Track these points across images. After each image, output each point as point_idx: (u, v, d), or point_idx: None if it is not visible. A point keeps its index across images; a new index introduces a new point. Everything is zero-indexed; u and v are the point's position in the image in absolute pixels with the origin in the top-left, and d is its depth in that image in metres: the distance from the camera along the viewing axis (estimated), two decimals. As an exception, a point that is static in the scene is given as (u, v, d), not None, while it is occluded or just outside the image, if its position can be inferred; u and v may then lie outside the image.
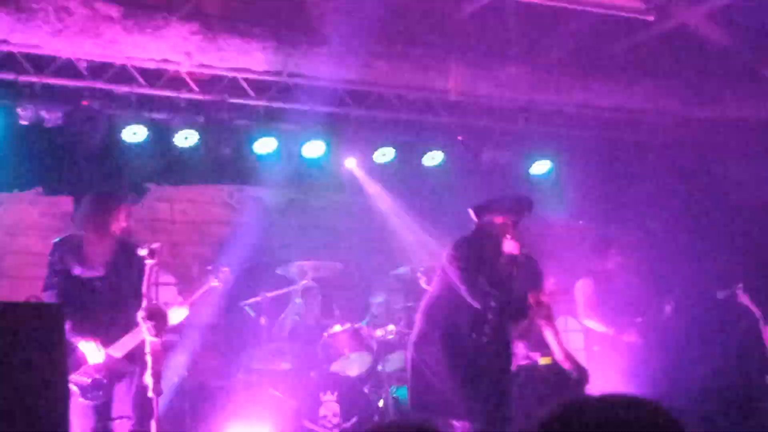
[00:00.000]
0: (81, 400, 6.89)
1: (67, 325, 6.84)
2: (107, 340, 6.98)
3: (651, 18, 9.28)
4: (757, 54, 10.52)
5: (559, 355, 7.37)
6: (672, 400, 8.21)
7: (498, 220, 7.26)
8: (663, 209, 10.76)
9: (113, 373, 7.00)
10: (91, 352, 6.91)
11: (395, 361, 9.43)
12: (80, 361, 6.88)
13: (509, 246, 7.18)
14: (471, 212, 7.37)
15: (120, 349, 7.01)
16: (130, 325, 6.94)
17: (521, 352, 8.51)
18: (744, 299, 8.72)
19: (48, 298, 7.14)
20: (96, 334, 6.94)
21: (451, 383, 7.14)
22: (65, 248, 7.20)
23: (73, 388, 6.81)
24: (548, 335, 7.43)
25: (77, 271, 7.11)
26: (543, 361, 8.43)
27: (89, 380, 6.90)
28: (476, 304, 7.12)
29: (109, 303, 7.11)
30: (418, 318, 7.49)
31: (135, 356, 6.95)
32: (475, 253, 7.25)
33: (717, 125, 10.82)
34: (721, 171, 10.81)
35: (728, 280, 9.05)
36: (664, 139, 10.97)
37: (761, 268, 10.02)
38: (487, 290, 7.11)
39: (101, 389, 6.94)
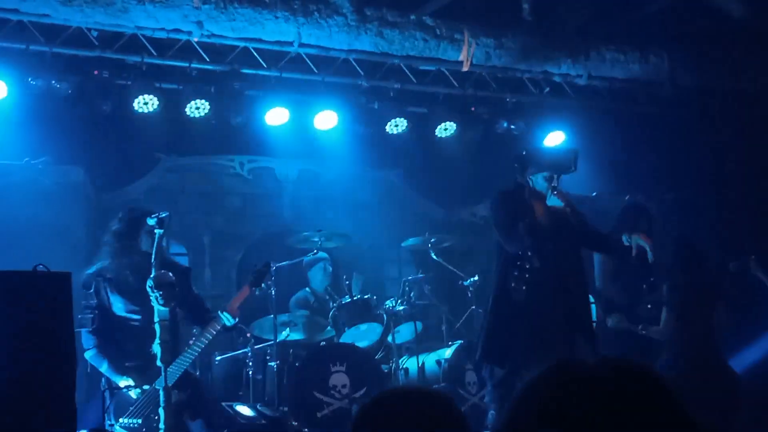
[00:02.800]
0: None
1: (106, 364, 6.80)
2: (152, 372, 6.70)
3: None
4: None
5: None
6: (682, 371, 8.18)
7: (543, 176, 7.17)
8: (676, 180, 10.68)
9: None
10: (132, 389, 6.73)
11: (405, 332, 9.43)
12: (126, 402, 6.72)
13: (554, 201, 7.09)
14: (516, 164, 7.29)
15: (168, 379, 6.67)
16: (176, 352, 6.85)
17: None
18: (757, 272, 8.64)
19: (85, 336, 6.96)
20: (137, 370, 6.75)
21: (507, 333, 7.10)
22: (100, 281, 6.99)
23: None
24: None
25: (115, 306, 6.95)
26: None
27: (140, 420, 6.69)
28: (511, 248, 7.05)
29: (150, 335, 6.69)
30: None
31: (185, 382, 6.85)
32: (516, 202, 7.16)
33: (733, 97, 10.71)
34: (738, 143, 10.71)
35: (741, 252, 8.97)
36: (678, 110, 10.86)
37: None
38: (522, 235, 7.02)
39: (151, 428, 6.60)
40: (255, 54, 9.51)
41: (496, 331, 7.13)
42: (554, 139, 10.81)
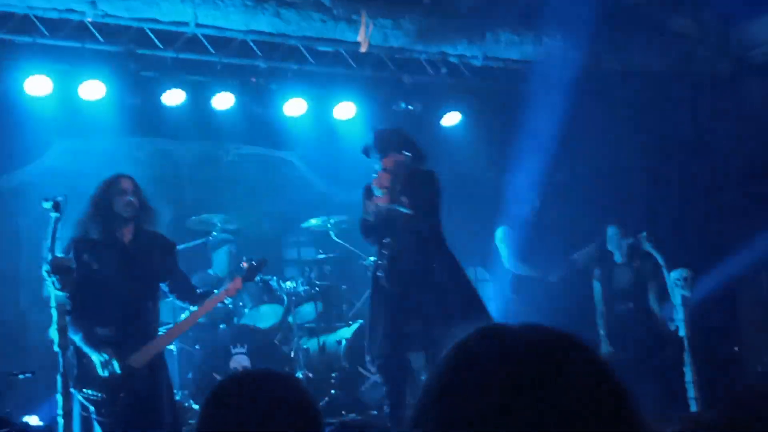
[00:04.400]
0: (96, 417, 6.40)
1: (80, 336, 6.43)
2: (125, 348, 6.52)
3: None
4: (663, 5, 10.65)
5: None
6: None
7: (386, 160, 7.25)
8: (571, 160, 10.89)
9: (133, 386, 6.48)
10: (103, 364, 6.41)
11: (305, 313, 9.46)
12: (92, 371, 6.42)
13: (376, 182, 7.18)
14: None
15: (141, 358, 6.58)
16: (152, 327, 6.79)
17: None
18: (648, 247, 8.95)
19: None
20: (111, 341, 6.49)
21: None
22: (81, 246, 6.64)
23: (86, 404, 6.39)
24: None
25: (93, 271, 6.58)
26: None
27: (103, 395, 6.41)
28: (369, 241, 7.21)
29: (127, 304, 6.66)
30: None
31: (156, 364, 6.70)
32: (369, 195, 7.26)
33: (623, 76, 10.95)
34: (629, 121, 10.96)
35: (634, 229, 9.29)
36: (572, 90, 11.04)
37: (665, 217, 10.29)
38: (362, 230, 7.18)
39: (115, 405, 6.42)
40: (151, 35, 9.39)
41: (371, 317, 7.29)
42: (451, 119, 10.92)
